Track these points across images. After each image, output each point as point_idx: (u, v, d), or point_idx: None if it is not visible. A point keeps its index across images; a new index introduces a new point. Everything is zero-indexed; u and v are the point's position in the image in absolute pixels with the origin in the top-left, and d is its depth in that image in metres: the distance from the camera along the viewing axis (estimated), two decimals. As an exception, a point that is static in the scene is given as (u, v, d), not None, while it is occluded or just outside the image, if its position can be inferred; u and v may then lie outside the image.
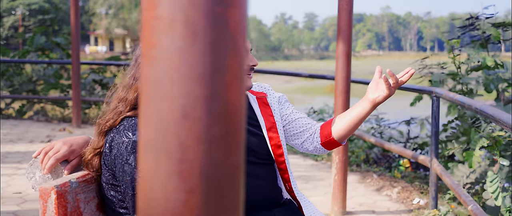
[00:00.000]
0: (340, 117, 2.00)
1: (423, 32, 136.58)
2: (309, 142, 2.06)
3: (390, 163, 6.11)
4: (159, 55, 0.55)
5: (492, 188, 3.62)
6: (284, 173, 1.99)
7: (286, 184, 2.00)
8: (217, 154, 0.56)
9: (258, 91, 2.08)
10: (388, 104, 12.01)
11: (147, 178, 0.57)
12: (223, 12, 0.55)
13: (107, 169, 1.45)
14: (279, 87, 29.12)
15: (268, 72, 7.73)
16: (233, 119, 0.57)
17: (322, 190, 4.82)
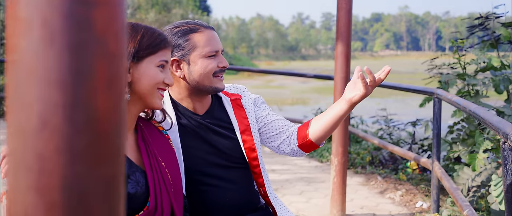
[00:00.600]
0: (317, 119, 1.95)
1: (442, 31, 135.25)
2: (285, 144, 2.01)
3: (398, 165, 6.01)
4: (18, 59, 0.51)
5: (496, 192, 3.53)
6: (258, 177, 1.94)
7: (261, 188, 1.96)
8: (81, 166, 0.52)
9: (232, 93, 2.04)
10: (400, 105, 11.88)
11: (9, 192, 0.53)
12: (85, 11, 0.50)
13: None
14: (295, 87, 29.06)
15: (270, 72, 7.66)
16: (101, 128, 0.52)
17: (323, 192, 4.76)
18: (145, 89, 1.53)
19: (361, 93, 1.84)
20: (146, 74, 1.53)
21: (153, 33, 1.55)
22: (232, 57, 56.35)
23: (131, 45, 1.51)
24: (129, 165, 1.51)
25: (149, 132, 1.66)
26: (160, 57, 1.55)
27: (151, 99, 1.55)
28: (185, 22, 1.88)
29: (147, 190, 1.52)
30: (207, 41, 1.85)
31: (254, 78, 35.73)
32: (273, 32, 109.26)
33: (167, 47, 1.58)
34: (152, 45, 1.53)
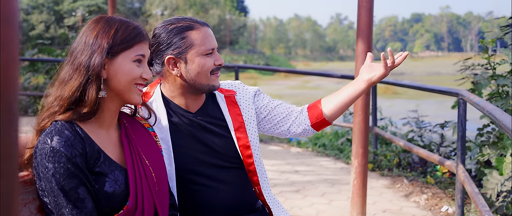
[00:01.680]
0: (330, 97, 1.98)
1: (484, 32, 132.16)
2: (296, 125, 2.00)
3: (427, 168, 5.86)
4: None
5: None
6: (253, 175, 1.90)
7: (256, 187, 1.91)
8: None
9: (227, 89, 2.00)
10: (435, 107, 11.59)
11: None
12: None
13: (36, 174, 1.40)
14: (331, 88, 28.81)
15: (296, 72, 7.60)
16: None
17: (346, 194, 4.67)
18: (121, 86, 1.50)
19: (380, 74, 1.89)
20: (121, 70, 1.49)
21: (127, 27, 1.51)
22: (269, 57, 56.35)
23: (105, 40, 1.47)
24: (108, 163, 1.48)
25: (133, 129, 1.63)
26: (136, 52, 1.51)
27: (128, 95, 1.52)
28: (179, 18, 1.84)
29: (127, 189, 1.49)
30: (204, 39, 1.81)
31: (291, 79, 35.63)
32: (310, 33, 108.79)
33: (143, 40, 1.54)
34: (126, 39, 1.49)
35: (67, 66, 1.49)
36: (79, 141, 1.42)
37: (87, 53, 1.46)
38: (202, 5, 55.10)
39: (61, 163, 1.37)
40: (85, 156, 1.42)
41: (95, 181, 1.44)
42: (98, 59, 1.45)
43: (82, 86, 1.45)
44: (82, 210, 1.38)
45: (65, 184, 1.37)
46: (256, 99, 2.01)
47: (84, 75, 1.45)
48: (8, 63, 0.52)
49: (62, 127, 1.42)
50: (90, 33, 1.49)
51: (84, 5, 50.03)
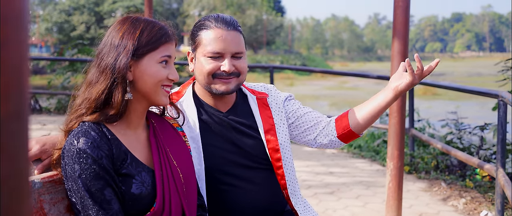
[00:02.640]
0: (357, 108, 1.89)
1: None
2: (323, 135, 1.94)
3: (466, 171, 5.71)
4: None
5: None
6: (281, 179, 1.87)
7: (283, 191, 1.88)
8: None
9: (259, 91, 1.97)
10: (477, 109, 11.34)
11: None
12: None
13: (64, 174, 1.41)
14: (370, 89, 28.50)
15: (331, 72, 7.51)
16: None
17: (381, 197, 4.59)
18: (148, 87, 1.48)
19: (407, 81, 1.78)
20: (147, 71, 1.47)
21: (153, 28, 1.49)
22: (305, 58, 56.12)
23: (130, 42, 1.45)
24: (135, 164, 1.48)
25: (162, 129, 1.62)
26: (162, 53, 1.49)
27: (155, 96, 1.50)
28: (208, 16, 1.84)
29: (154, 190, 1.48)
30: (212, 40, 1.78)
31: (328, 79, 35.40)
32: (348, 33, 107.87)
33: (169, 41, 1.52)
34: (152, 40, 1.47)
35: (93, 68, 1.49)
36: (105, 143, 1.42)
37: (113, 55, 1.45)
38: (239, 6, 55.30)
39: (87, 164, 1.37)
40: (111, 157, 1.42)
41: (121, 183, 1.43)
42: (123, 61, 1.44)
43: (108, 88, 1.44)
44: (108, 211, 1.37)
45: (91, 185, 1.37)
46: (286, 104, 1.97)
47: (110, 77, 1.44)
48: (18, 63, 0.51)
49: (88, 128, 1.42)
50: (116, 34, 1.48)
51: (123, 6, 50.85)
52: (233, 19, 1.83)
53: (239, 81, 1.82)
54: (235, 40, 1.79)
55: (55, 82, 10.43)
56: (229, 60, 1.78)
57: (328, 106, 19.07)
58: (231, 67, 1.78)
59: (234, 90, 1.82)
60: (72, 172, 1.37)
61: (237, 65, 1.80)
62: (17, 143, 0.51)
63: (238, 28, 1.82)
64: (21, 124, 0.52)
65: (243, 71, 1.82)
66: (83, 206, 1.37)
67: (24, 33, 0.52)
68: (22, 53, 0.51)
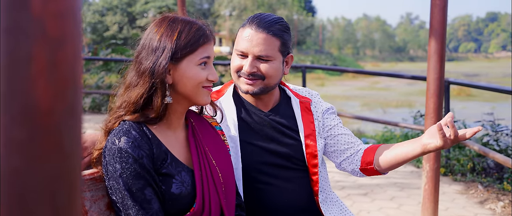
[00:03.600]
0: (386, 149, 1.81)
1: None
2: (348, 162, 1.90)
3: (503, 174, 5.57)
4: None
5: None
6: (314, 185, 1.85)
7: (315, 197, 1.86)
8: (20, 161, 0.47)
9: (303, 96, 1.95)
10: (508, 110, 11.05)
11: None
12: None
13: (105, 172, 1.41)
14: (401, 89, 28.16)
15: (363, 72, 7.42)
16: (42, 120, 0.48)
17: (416, 199, 4.52)
18: (188, 90, 1.47)
19: (437, 144, 1.64)
20: (186, 74, 1.46)
21: (191, 29, 1.47)
22: (336, 58, 55.77)
23: (168, 45, 1.43)
24: (175, 164, 1.47)
25: (201, 128, 1.61)
26: (200, 55, 1.47)
27: (196, 97, 1.49)
28: (254, 14, 1.82)
29: (193, 190, 1.48)
30: (240, 38, 1.78)
31: (359, 80, 35.09)
32: (379, 33, 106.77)
33: (208, 41, 1.49)
34: (190, 43, 1.45)
35: (132, 72, 1.48)
36: (146, 142, 1.42)
37: (152, 59, 1.43)
38: (270, 6, 55.28)
39: (128, 164, 1.37)
40: (152, 157, 1.42)
41: (161, 182, 1.43)
42: (162, 66, 1.42)
43: (146, 92, 1.43)
44: (148, 211, 1.37)
45: (131, 184, 1.37)
46: (325, 116, 1.94)
47: (148, 81, 1.43)
48: (73, 59, 0.50)
49: (129, 127, 1.42)
50: (154, 36, 1.46)
51: (156, 7, 51.36)
52: (272, 22, 1.78)
53: (264, 85, 1.79)
54: (262, 42, 1.75)
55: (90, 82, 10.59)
56: (251, 61, 1.76)
57: (360, 106, 18.89)
58: (251, 69, 1.76)
59: (259, 92, 1.80)
60: (113, 171, 1.37)
61: (260, 68, 1.77)
62: (72, 139, 0.51)
63: (273, 31, 1.76)
64: (75, 121, 0.51)
65: (268, 75, 1.78)
66: (124, 205, 1.37)
67: (78, 29, 0.51)
68: (76, 49, 0.51)
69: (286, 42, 1.81)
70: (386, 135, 7.31)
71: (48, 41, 0.48)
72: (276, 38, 1.77)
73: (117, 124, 1.44)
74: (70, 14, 0.49)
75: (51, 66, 0.48)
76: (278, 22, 1.79)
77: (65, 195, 0.50)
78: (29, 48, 0.47)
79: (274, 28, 1.77)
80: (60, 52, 0.49)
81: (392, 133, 7.44)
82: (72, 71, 0.50)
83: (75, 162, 0.51)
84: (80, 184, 0.53)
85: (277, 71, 1.80)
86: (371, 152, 1.84)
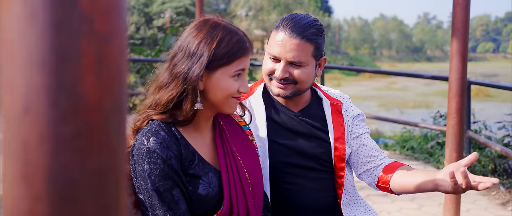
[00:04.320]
0: (403, 173, 1.75)
1: None
2: (367, 174, 1.88)
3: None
4: (6, 39, 0.48)
5: None
6: (339, 187, 1.83)
7: (338, 200, 1.84)
8: (67, 157, 0.47)
9: (334, 98, 1.93)
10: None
11: (2, 183, 0.50)
12: (69, -14, 0.46)
13: (132, 171, 1.41)
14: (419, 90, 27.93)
15: (381, 72, 7.36)
16: (88, 117, 0.48)
17: (437, 200, 4.48)
18: (217, 99, 1.46)
19: (448, 189, 1.56)
20: (219, 85, 1.44)
21: (231, 39, 1.43)
22: (353, 58, 55.50)
23: (206, 53, 1.40)
24: (202, 165, 1.47)
25: (228, 128, 1.60)
26: (236, 67, 1.44)
27: (223, 107, 1.48)
28: (288, 15, 1.80)
29: (220, 192, 1.47)
30: (273, 42, 1.76)
31: (376, 80, 34.89)
32: (396, 33, 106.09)
33: (245, 54, 1.45)
34: (228, 54, 1.42)
35: (166, 72, 1.46)
36: (174, 143, 1.41)
37: (187, 64, 1.41)
38: (286, 6, 55.20)
39: (156, 164, 1.37)
40: (180, 158, 1.41)
41: (189, 183, 1.43)
42: (196, 72, 1.40)
43: (178, 96, 1.42)
44: (176, 212, 1.37)
45: (160, 185, 1.36)
46: (355, 122, 1.91)
47: (181, 85, 1.41)
48: (119, 56, 0.50)
49: (158, 127, 1.42)
50: (192, 40, 1.43)
51: (172, 7, 51.58)
52: (307, 26, 1.74)
53: (296, 89, 1.78)
54: (296, 48, 1.72)
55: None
56: (284, 66, 1.74)
57: (376, 107, 18.78)
58: (283, 74, 1.75)
59: (291, 95, 1.79)
60: (142, 171, 1.37)
61: (293, 73, 1.75)
62: (118, 135, 0.51)
63: (307, 36, 1.73)
64: (121, 117, 0.51)
65: (300, 80, 1.76)
66: (151, 205, 1.37)
67: (124, 25, 0.51)
68: (122, 46, 0.51)
69: (319, 46, 1.77)
70: (405, 136, 7.26)
71: (96, 37, 0.48)
72: (310, 43, 1.74)
73: (145, 124, 1.44)
74: (117, 11, 0.49)
75: (99, 62, 0.48)
76: (313, 25, 1.75)
77: (113, 191, 0.51)
78: (78, 44, 0.47)
79: (308, 33, 1.73)
80: (107, 48, 0.49)
81: (411, 133, 7.38)
82: (118, 67, 0.50)
83: (121, 158, 0.51)
84: (126, 181, 0.53)
85: (310, 75, 1.78)
86: (389, 171, 1.80)
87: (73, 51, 0.47)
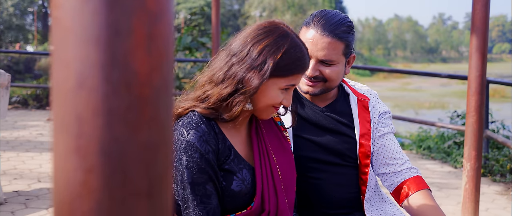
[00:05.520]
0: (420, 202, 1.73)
1: None
2: (384, 178, 1.86)
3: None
4: (58, 17, 0.49)
5: None
6: (363, 184, 1.83)
7: (361, 196, 1.84)
8: (119, 130, 0.49)
9: (361, 94, 1.91)
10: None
11: (53, 155, 0.52)
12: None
13: None
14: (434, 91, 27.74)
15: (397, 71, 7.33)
16: (139, 91, 0.49)
17: (455, 199, 4.45)
18: (260, 105, 1.44)
19: None
20: (266, 94, 1.42)
21: (295, 53, 1.40)
22: (367, 58, 55.28)
23: (269, 62, 1.37)
24: (237, 161, 1.46)
25: (264, 124, 1.59)
26: (289, 82, 1.42)
27: (261, 113, 1.47)
28: (319, 11, 1.78)
29: (253, 188, 1.47)
30: (303, 38, 1.73)
31: (390, 81, 34.74)
32: (411, 34, 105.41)
33: (302, 72, 1.44)
34: (286, 68, 1.39)
35: (222, 69, 1.42)
36: (213, 137, 1.41)
37: (246, 66, 1.38)
38: (300, 6, 55.14)
39: (194, 157, 1.37)
40: (217, 152, 1.41)
41: (223, 178, 1.43)
42: (256, 82, 1.37)
43: (229, 95, 1.40)
44: (207, 206, 1.38)
45: (195, 178, 1.37)
46: (381, 119, 1.89)
47: (235, 86, 1.39)
48: (167, 33, 0.52)
49: (199, 120, 1.41)
50: (257, 44, 1.40)
51: (187, 8, 51.75)
52: (338, 24, 1.72)
53: (326, 87, 1.78)
54: (327, 47, 1.71)
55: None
56: (315, 64, 1.74)
57: (391, 107, 18.70)
58: (313, 72, 1.74)
59: (320, 93, 1.79)
60: (179, 163, 1.37)
61: (324, 71, 1.74)
62: (166, 111, 0.52)
63: (339, 34, 1.71)
64: (168, 92, 0.53)
65: (330, 79, 1.75)
66: (183, 197, 1.38)
67: (171, 4, 0.53)
68: (169, 24, 0.52)
69: (350, 44, 1.76)
70: (421, 136, 7.22)
71: (147, 14, 0.49)
72: (341, 41, 1.73)
73: (186, 112, 1.43)
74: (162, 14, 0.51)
75: (149, 39, 0.50)
76: (344, 23, 1.74)
77: (161, 165, 0.52)
78: (130, 21, 0.48)
79: (339, 31, 1.72)
80: (157, 26, 0.50)
81: (427, 133, 7.35)
82: (166, 44, 0.52)
83: (169, 133, 0.53)
84: (172, 155, 0.55)
85: (340, 73, 1.78)
86: (408, 188, 1.78)
87: (126, 28, 0.48)
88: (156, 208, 0.52)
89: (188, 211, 1.39)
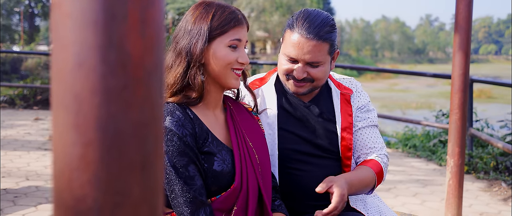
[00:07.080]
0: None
1: None
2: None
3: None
4: (57, 2, 0.53)
5: None
6: None
7: None
8: (115, 108, 0.53)
9: (345, 86, 1.96)
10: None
11: (52, 131, 0.55)
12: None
13: None
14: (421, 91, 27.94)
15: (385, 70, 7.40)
16: (133, 72, 0.53)
17: (439, 195, 4.53)
18: (217, 70, 1.53)
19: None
20: (216, 55, 1.52)
21: (224, 11, 1.53)
22: (355, 59, 55.52)
23: (204, 26, 1.50)
24: (216, 143, 1.54)
25: (238, 112, 1.68)
26: (231, 37, 1.53)
27: (225, 79, 1.54)
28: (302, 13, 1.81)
29: (233, 169, 1.54)
30: (290, 43, 1.79)
31: (378, 81, 34.93)
32: (398, 35, 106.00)
33: (239, 24, 1.54)
34: (222, 24, 1.51)
35: (170, 53, 1.56)
36: (189, 122, 1.48)
37: (187, 38, 1.51)
38: (289, 7, 55.23)
39: (173, 141, 1.43)
40: (194, 136, 1.48)
41: (204, 160, 1.50)
42: (199, 45, 1.49)
43: (184, 72, 1.50)
44: (192, 186, 1.44)
45: (176, 161, 1.43)
46: (357, 112, 1.93)
47: (185, 60, 1.50)
48: (158, 18, 0.56)
49: (173, 108, 1.49)
50: (190, 18, 1.54)
51: (175, 8, 51.66)
52: (321, 26, 1.76)
53: (313, 86, 1.84)
54: (313, 49, 1.75)
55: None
56: (302, 67, 1.79)
57: (378, 108, 18.82)
58: (301, 74, 1.79)
59: (307, 92, 1.85)
60: None
61: (311, 72, 1.80)
62: (158, 91, 0.56)
63: (323, 36, 1.75)
64: (160, 74, 0.57)
65: (318, 78, 1.81)
66: (169, 181, 1.44)
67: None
68: (161, 10, 0.56)
69: (333, 42, 1.81)
70: (407, 134, 7.31)
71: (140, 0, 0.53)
72: (326, 42, 1.77)
73: None
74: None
75: (142, 23, 0.54)
76: (327, 23, 1.78)
77: (153, 141, 0.56)
78: (125, 6, 0.52)
79: (323, 32, 1.76)
80: (149, 11, 0.54)
81: (413, 132, 7.43)
82: (158, 28, 0.56)
83: (160, 112, 0.57)
84: (163, 133, 0.59)
85: (326, 72, 1.84)
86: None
87: (121, 12, 0.52)
88: (149, 179, 0.56)
89: (174, 195, 1.45)
